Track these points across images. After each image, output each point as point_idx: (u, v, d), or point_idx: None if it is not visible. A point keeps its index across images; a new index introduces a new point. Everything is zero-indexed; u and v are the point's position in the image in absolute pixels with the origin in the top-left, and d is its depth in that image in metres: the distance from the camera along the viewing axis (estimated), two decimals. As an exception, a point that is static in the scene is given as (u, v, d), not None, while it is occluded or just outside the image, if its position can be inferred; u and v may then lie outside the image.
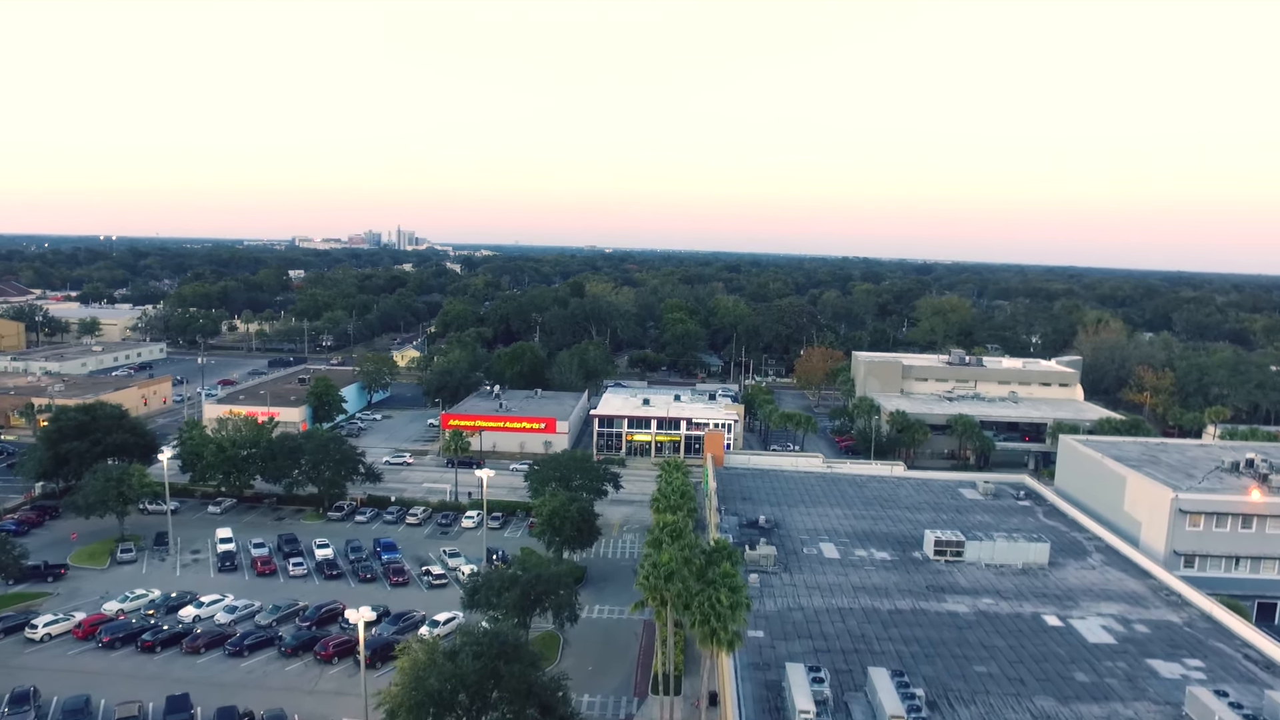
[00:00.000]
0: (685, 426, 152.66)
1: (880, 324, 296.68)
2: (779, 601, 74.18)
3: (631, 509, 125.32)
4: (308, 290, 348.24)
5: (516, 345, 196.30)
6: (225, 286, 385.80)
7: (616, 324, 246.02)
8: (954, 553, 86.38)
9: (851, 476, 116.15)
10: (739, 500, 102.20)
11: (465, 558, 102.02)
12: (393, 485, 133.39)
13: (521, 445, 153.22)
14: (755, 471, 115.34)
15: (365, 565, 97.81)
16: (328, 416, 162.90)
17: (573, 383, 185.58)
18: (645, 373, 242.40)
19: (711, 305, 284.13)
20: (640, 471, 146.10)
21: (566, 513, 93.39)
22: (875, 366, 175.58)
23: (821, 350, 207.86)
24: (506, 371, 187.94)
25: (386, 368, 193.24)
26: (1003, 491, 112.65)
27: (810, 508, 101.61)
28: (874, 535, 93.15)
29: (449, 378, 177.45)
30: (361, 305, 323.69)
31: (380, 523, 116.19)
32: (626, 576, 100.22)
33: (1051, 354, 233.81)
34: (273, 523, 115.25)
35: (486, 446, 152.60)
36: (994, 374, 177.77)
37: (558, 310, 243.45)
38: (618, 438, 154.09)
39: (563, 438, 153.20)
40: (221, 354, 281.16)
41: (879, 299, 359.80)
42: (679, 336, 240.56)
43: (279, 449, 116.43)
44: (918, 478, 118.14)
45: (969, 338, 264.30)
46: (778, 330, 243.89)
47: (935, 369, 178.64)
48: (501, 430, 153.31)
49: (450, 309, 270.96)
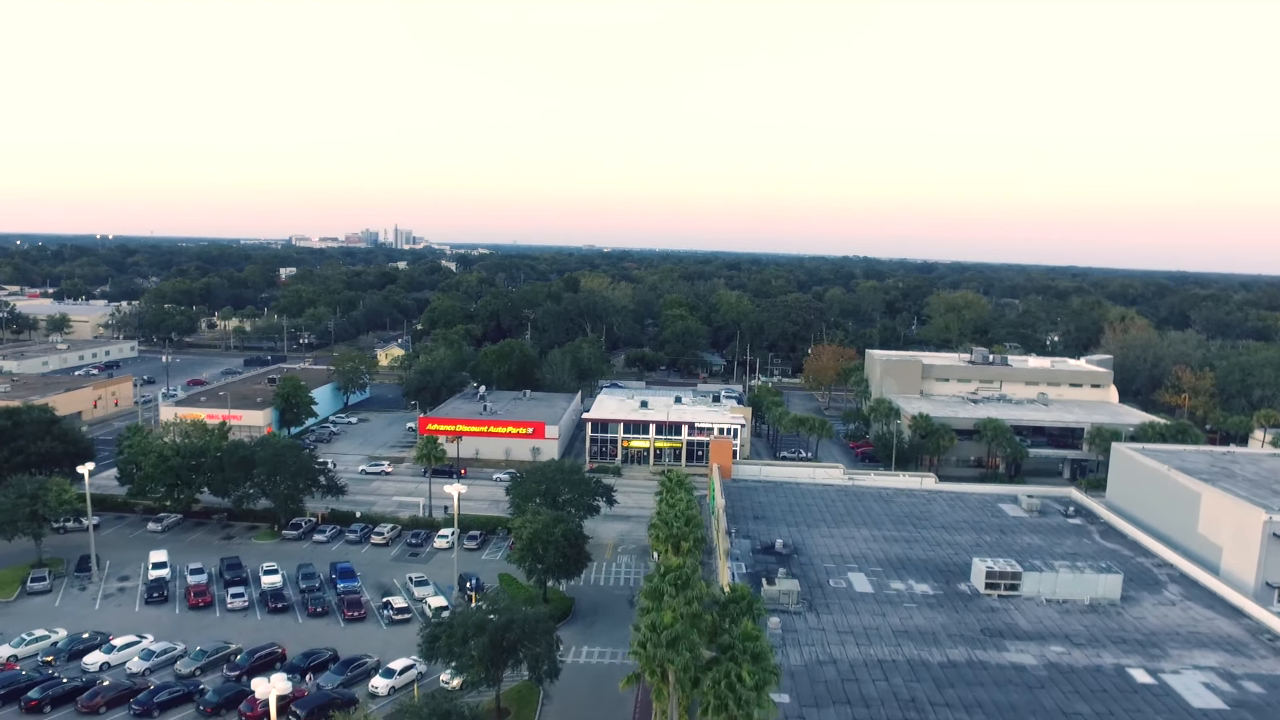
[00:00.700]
0: (687, 432, 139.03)
1: (889, 321, 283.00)
2: (806, 652, 60.52)
3: (627, 526, 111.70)
4: (291, 286, 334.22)
5: (504, 343, 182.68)
6: (209, 282, 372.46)
7: (613, 320, 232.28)
8: (1009, 586, 72.74)
9: (876, 490, 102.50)
10: (751, 519, 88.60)
11: (435, 586, 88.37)
12: (362, 498, 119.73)
13: (507, 452, 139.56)
14: (768, 484, 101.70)
15: (317, 596, 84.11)
16: (296, 420, 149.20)
17: (565, 383, 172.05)
18: (643, 372, 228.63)
19: (713, 301, 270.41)
20: (637, 482, 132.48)
21: (550, 536, 79.77)
22: (893, 366, 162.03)
23: (832, 348, 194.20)
24: (493, 371, 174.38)
25: (364, 367, 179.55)
26: (1048, 507, 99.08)
27: (833, 528, 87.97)
28: (911, 563, 79.51)
29: (430, 378, 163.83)
30: (346, 301, 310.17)
31: (341, 543, 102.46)
32: (621, 609, 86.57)
33: (1074, 353, 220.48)
34: (220, 543, 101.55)
35: (468, 453, 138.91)
36: (1020, 374, 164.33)
37: (550, 306, 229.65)
38: (612, 444, 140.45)
39: (552, 444, 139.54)
40: (197, 352, 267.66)
41: (886, 296, 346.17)
42: (679, 334, 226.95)
43: (227, 458, 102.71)
44: (951, 491, 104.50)
45: (984, 336, 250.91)
46: (783, 327, 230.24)
47: (957, 368, 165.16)
48: (485, 435, 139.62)
49: (438, 305, 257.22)
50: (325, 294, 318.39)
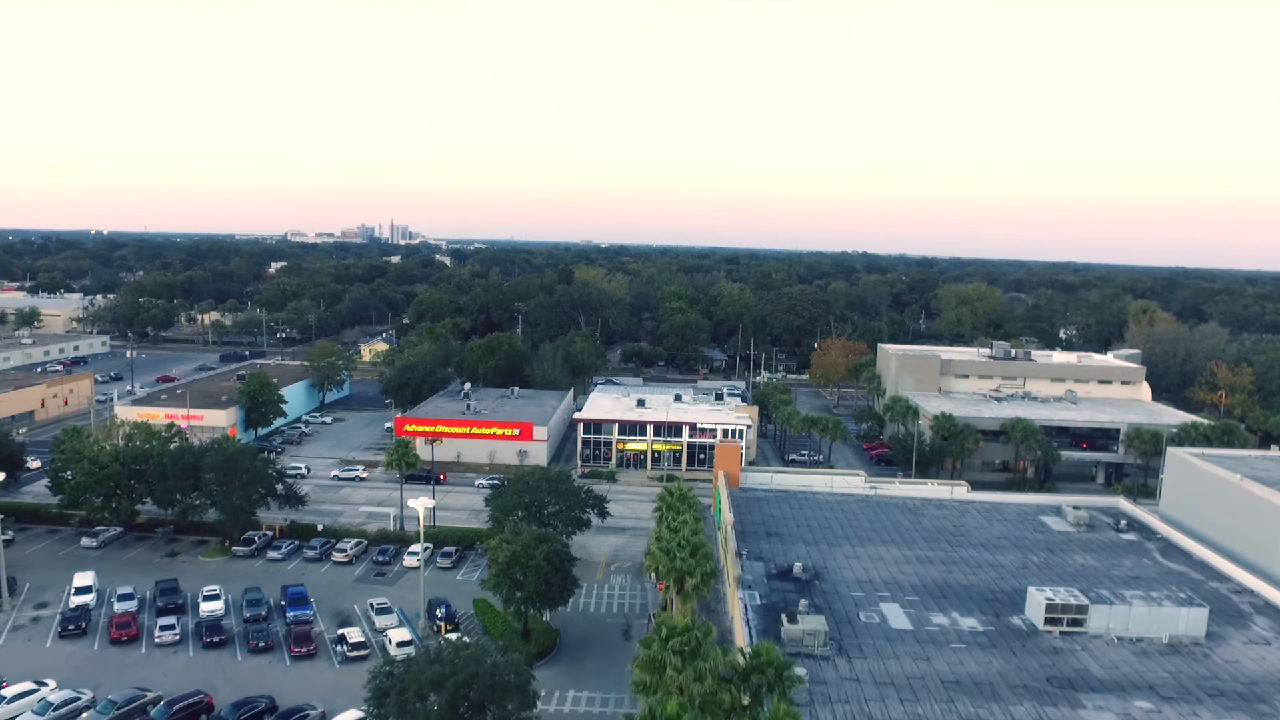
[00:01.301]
0: (688, 433, 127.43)
1: (896, 315, 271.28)
2: (840, 711, 49.14)
3: (622, 539, 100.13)
4: (275, 280, 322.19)
5: (491, 337, 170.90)
6: (191, 276, 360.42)
7: (609, 313, 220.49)
8: (1073, 621, 61.23)
9: (902, 501, 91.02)
10: (763, 537, 77.14)
11: (400, 614, 76.86)
12: (328, 507, 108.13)
13: (491, 455, 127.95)
14: (780, 494, 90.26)
15: (261, 628, 72.53)
16: (264, 420, 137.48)
17: (556, 379, 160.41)
18: (640, 368, 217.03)
19: (714, 294, 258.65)
20: (633, 488, 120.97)
21: (530, 559, 68.23)
22: (909, 361, 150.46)
23: (841, 342, 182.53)
24: (479, 367, 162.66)
25: (342, 362, 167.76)
26: (1096, 520, 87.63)
27: (858, 546, 76.50)
28: (951, 590, 68.01)
29: (410, 374, 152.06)
30: (332, 295, 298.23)
31: (299, 560, 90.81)
32: (615, 643, 75.06)
33: (1094, 348, 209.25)
34: (162, 561, 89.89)
35: (449, 456, 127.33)
36: (1045, 370, 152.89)
37: (543, 298, 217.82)
38: (606, 446, 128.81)
39: (541, 446, 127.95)
40: (174, 348, 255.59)
41: (892, 289, 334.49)
42: (678, 328, 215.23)
43: (170, 465, 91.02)
44: (986, 501, 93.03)
45: (997, 330, 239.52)
46: (788, 321, 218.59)
47: (978, 364, 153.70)
48: (467, 437, 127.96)
49: (424, 298, 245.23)
50: (310, 287, 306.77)
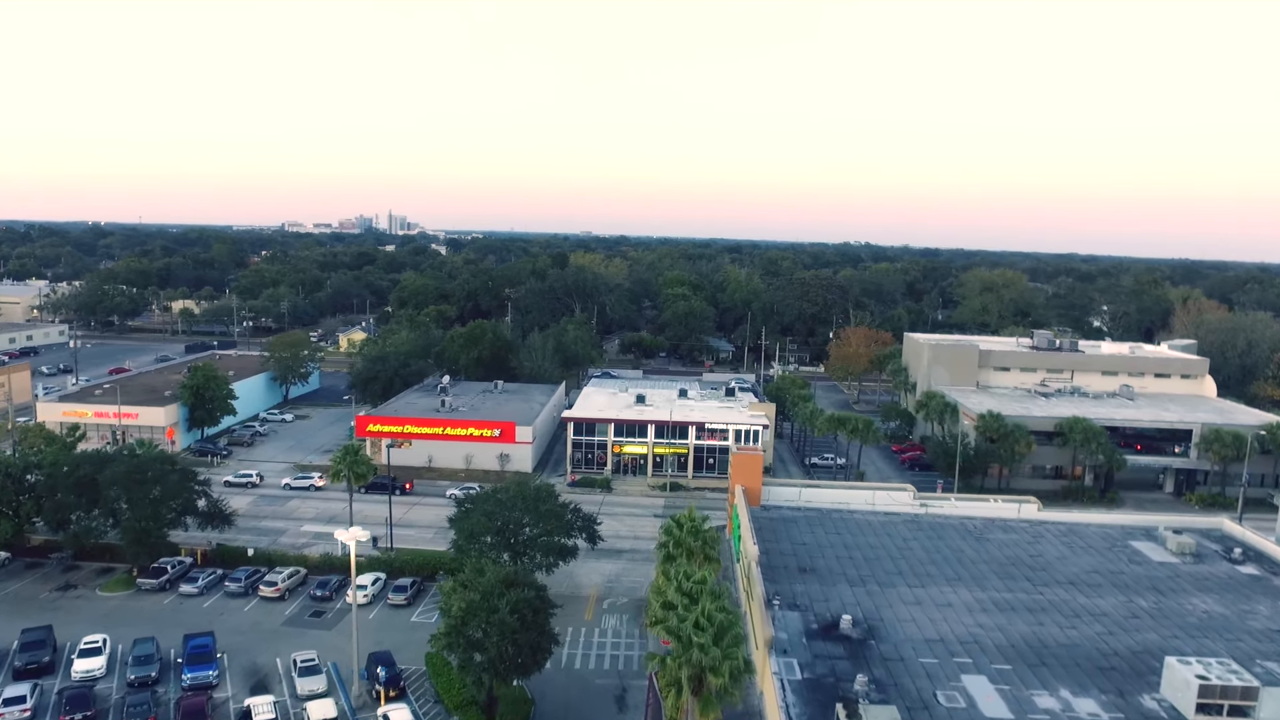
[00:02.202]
0: (695, 434, 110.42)
1: (913, 304, 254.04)
2: None
3: (617, 566, 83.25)
4: (255, 266, 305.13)
5: (473, 324, 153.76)
6: (169, 263, 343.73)
7: (606, 300, 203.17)
8: (1236, 710, 44.41)
9: (960, 522, 73.99)
10: (796, 575, 60.15)
11: (331, 673, 60.11)
12: (270, 524, 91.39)
13: (468, 460, 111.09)
14: (811, 514, 73.31)
15: (144, 699, 55.61)
16: (210, 419, 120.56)
17: (547, 372, 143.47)
18: (640, 359, 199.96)
19: (719, 280, 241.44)
20: (632, 499, 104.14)
21: (493, 612, 51.36)
22: (943, 352, 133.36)
23: (863, 331, 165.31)
24: (460, 358, 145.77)
25: (307, 353, 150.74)
26: (1204, 548, 70.72)
27: (917, 586, 59.42)
28: (1050, 652, 50.86)
29: (380, 366, 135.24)
30: (313, 282, 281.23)
31: (219, 595, 74.00)
32: (607, 713, 58.30)
33: (1134, 337, 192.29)
34: (50, 596, 73.12)
35: (418, 461, 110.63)
36: (1095, 362, 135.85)
37: (534, 284, 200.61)
38: (600, 450, 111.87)
39: (525, 449, 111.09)
40: (141, 338, 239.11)
41: (906, 277, 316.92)
42: (680, 316, 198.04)
43: (61, 477, 74.19)
44: (1059, 523, 75.88)
45: (1025, 318, 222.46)
46: (800, 309, 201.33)
47: (1019, 355, 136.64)
48: (439, 439, 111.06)
49: (408, 283, 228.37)
50: (291, 274, 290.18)
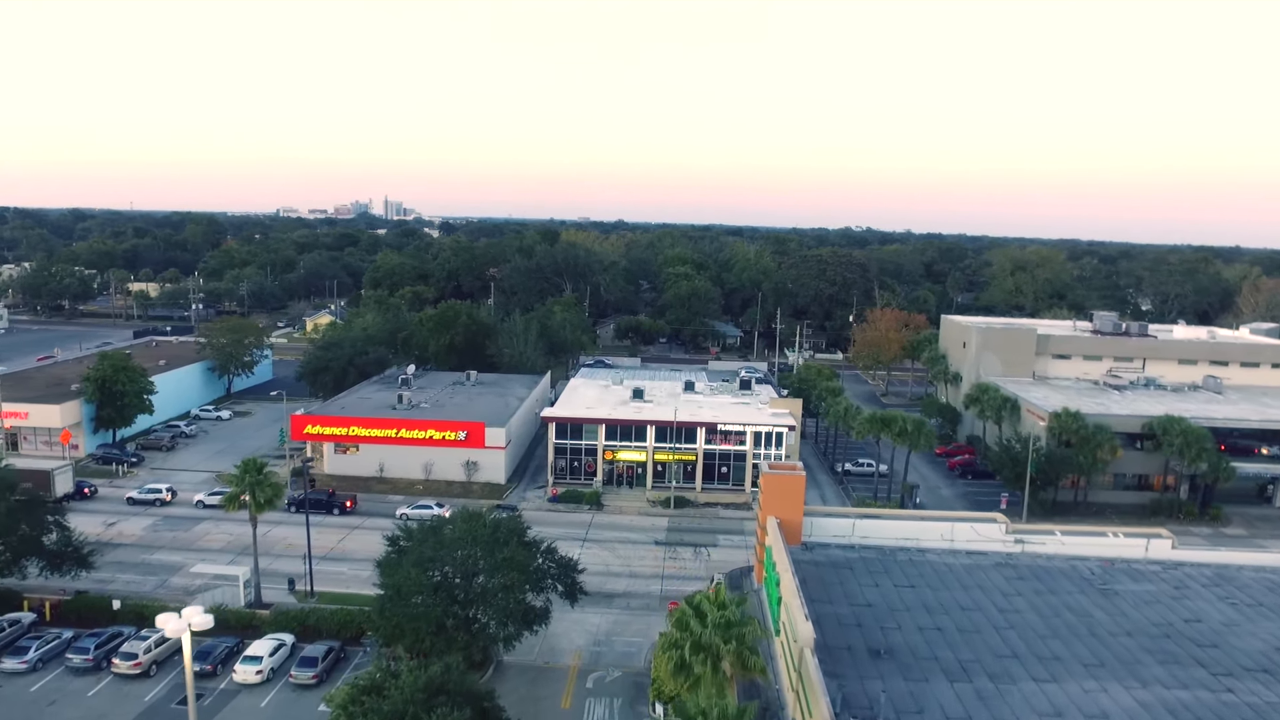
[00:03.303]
0: (705, 437, 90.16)
1: (935, 286, 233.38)
2: None
3: (607, 619, 63.09)
4: (225, 247, 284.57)
5: (445, 305, 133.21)
6: (136, 244, 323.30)
7: (600, 280, 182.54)
8: None
9: (1067, 565, 53.59)
10: (867, 661, 39.66)
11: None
12: (163, 559, 71.45)
13: (428, 468, 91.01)
14: (870, 556, 53.08)
15: None
16: (122, 418, 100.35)
17: (530, 360, 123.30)
18: (638, 346, 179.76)
19: (724, 258, 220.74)
20: (627, 519, 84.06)
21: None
22: (994, 337, 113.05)
23: (893, 313, 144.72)
24: (430, 344, 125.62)
25: (253, 339, 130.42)
26: None
27: (1046, 681, 38.65)
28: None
29: (333, 354, 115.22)
30: (285, 263, 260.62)
31: (58, 671, 53.90)
32: None
33: (1190, 321, 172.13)
34: None
35: (368, 470, 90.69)
36: (1169, 349, 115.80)
37: (520, 262, 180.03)
38: (589, 456, 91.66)
39: (497, 456, 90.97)
40: (92, 323, 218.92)
41: (922, 257, 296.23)
42: (683, 297, 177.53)
43: None
44: (1206, 565, 55.53)
45: (1061, 300, 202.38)
46: (818, 289, 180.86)
47: (1082, 341, 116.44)
48: (393, 443, 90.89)
49: (383, 262, 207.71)
50: (263, 254, 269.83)
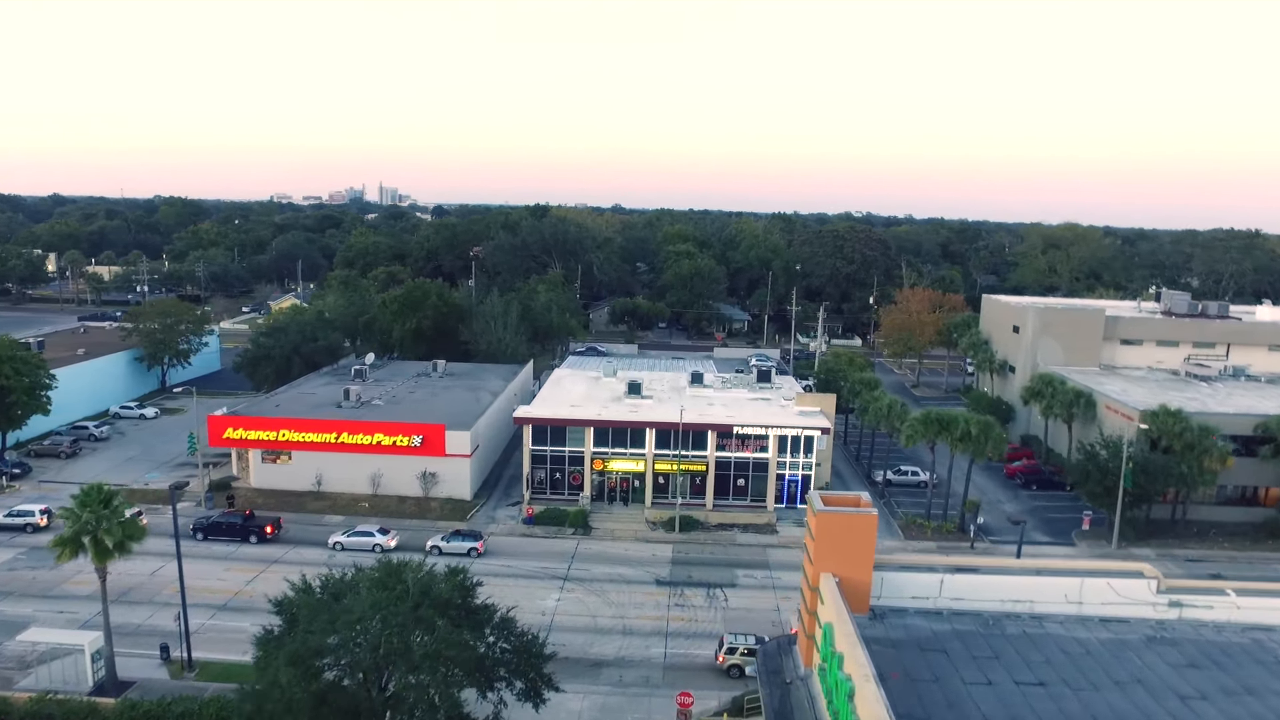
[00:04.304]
0: (716, 442, 72.68)
1: (957, 267, 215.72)
2: None
3: (593, 701, 45.74)
4: (192, 229, 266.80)
5: (412, 285, 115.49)
6: (103, 227, 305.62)
7: (593, 258, 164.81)
8: None
9: (1249, 640, 35.90)
10: None
11: None
12: (6, 611, 54.19)
13: (375, 481, 73.75)
14: (967, 630, 35.02)
15: None
16: (7, 417, 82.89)
17: (509, 348, 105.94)
18: (635, 332, 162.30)
19: (729, 235, 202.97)
20: (621, 547, 66.67)
21: None
22: (1056, 319, 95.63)
23: (926, 293, 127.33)
24: (394, 328, 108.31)
25: (190, 326, 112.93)
26: None
27: None
28: None
29: (277, 340, 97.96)
30: (256, 243, 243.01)
31: None
32: None
33: (1248, 301, 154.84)
34: None
35: (303, 484, 73.53)
36: (1258, 333, 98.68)
37: (504, 238, 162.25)
38: (574, 466, 74.22)
39: (460, 466, 73.64)
40: (39, 308, 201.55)
41: (936, 238, 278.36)
42: (685, 277, 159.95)
43: None
44: None
45: (1098, 280, 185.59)
46: (834, 268, 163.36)
47: (1153, 324, 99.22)
48: (333, 449, 73.55)
49: (357, 241, 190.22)
50: (234, 235, 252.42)
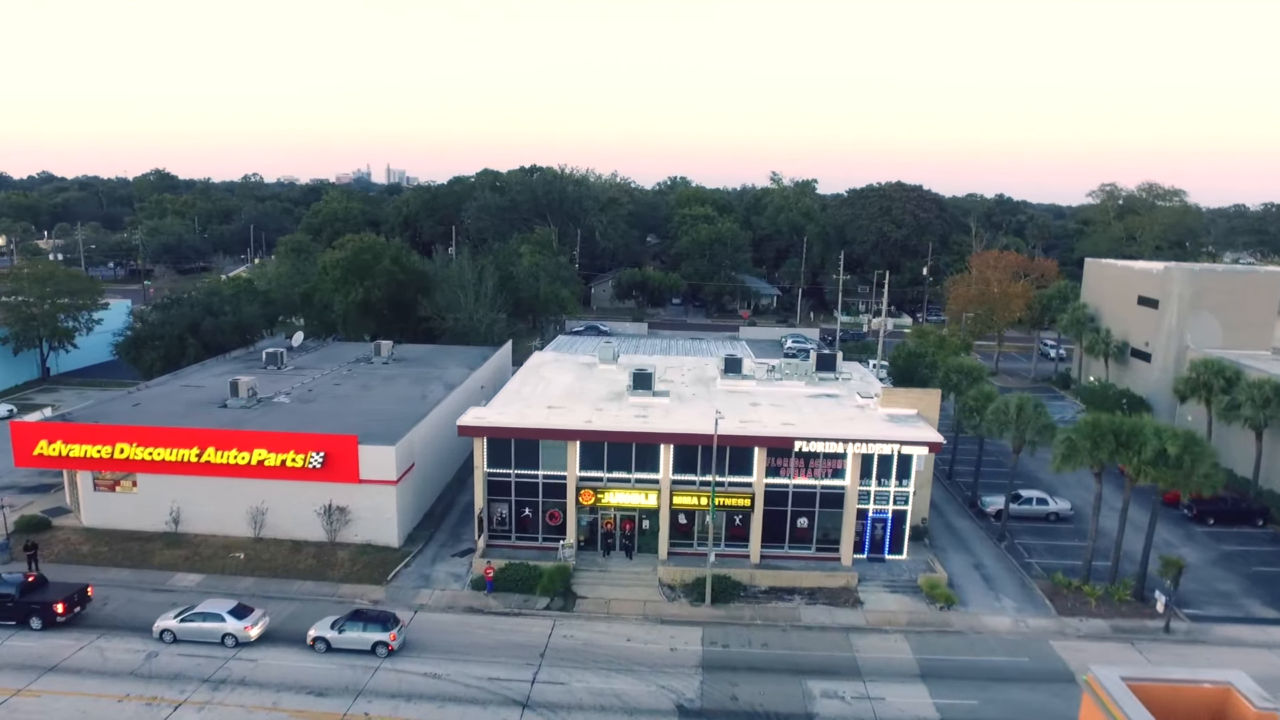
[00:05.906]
0: (767, 464, 47.83)
1: (1010, 235, 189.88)
2: None
3: None
4: (154, 198, 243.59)
5: (358, 245, 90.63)
6: (67, 199, 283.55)
7: (595, 222, 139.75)
8: None
9: None
10: None
11: None
12: None
13: (257, 520, 49.63)
14: None
15: None
16: None
17: (484, 325, 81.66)
18: (644, 308, 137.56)
19: (753, 199, 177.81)
20: (622, 634, 41.76)
21: None
22: (1214, 286, 70.46)
23: (1010, 256, 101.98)
24: (337, 300, 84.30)
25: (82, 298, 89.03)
26: None
27: None
28: None
29: (170, 316, 74.15)
30: (223, 212, 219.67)
31: None
32: None
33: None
34: None
35: (154, 522, 49.55)
36: None
37: (491, 198, 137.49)
38: (553, 499, 49.51)
39: (383, 496, 49.32)
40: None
41: (980, 208, 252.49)
42: (703, 244, 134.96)
43: None
44: None
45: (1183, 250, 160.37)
46: (880, 232, 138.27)
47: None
48: (199, 471, 49.44)
49: (325, 207, 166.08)
50: (201, 203, 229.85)
